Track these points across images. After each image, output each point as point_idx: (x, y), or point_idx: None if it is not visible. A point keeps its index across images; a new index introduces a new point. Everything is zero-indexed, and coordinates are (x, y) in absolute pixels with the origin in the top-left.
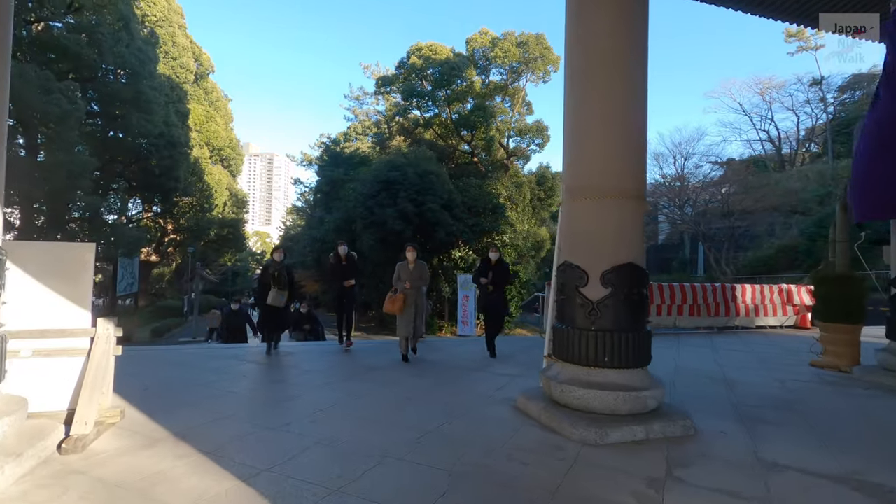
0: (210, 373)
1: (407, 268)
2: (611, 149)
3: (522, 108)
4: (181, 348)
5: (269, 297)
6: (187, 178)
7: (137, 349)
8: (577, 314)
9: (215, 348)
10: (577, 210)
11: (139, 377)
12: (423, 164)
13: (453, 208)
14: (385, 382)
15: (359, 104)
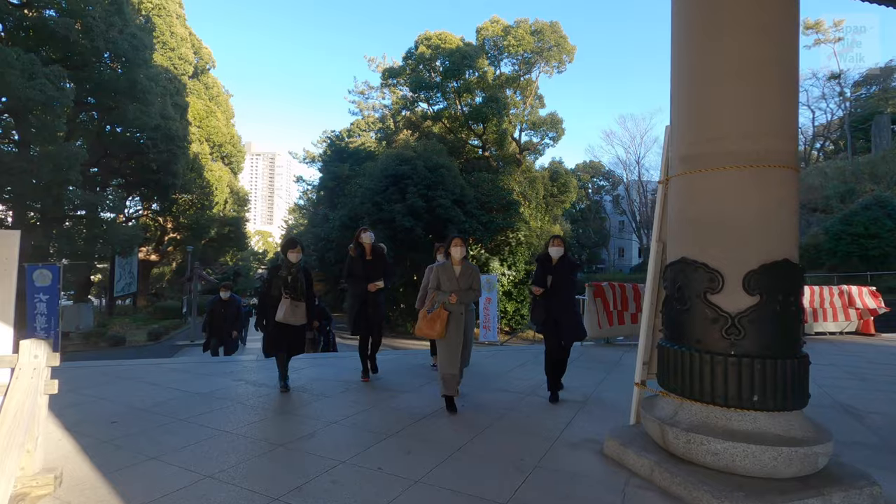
0: (197, 401)
1: (450, 271)
2: (761, 96)
3: (535, 101)
4: (164, 363)
5: (280, 311)
6: (186, 174)
7: (113, 364)
8: (707, 332)
9: (205, 362)
10: (702, 186)
11: (107, 404)
12: (433, 157)
13: (466, 204)
14: (434, 441)
15: (364, 98)
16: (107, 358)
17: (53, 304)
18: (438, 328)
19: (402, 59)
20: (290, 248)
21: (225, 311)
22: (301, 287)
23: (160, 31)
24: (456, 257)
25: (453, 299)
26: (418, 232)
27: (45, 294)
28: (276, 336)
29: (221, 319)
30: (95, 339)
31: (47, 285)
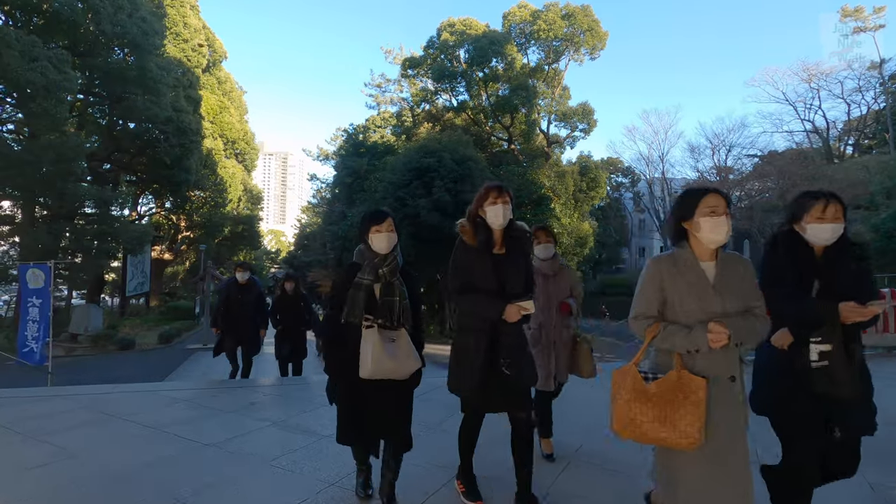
0: (208, 460)
1: (697, 272)
2: None
3: (562, 92)
4: (163, 390)
5: (368, 358)
6: (199, 170)
7: (102, 393)
8: None
9: (214, 390)
10: None
11: (76, 467)
12: (460, 148)
13: None
14: None
15: (381, 91)
16: (114, 362)
17: (45, 309)
18: (692, 424)
19: (422, 48)
20: (375, 222)
21: (242, 297)
22: (403, 303)
23: (173, 20)
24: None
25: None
26: (444, 229)
27: (38, 298)
28: (356, 410)
29: (239, 309)
30: (104, 341)
31: (40, 287)
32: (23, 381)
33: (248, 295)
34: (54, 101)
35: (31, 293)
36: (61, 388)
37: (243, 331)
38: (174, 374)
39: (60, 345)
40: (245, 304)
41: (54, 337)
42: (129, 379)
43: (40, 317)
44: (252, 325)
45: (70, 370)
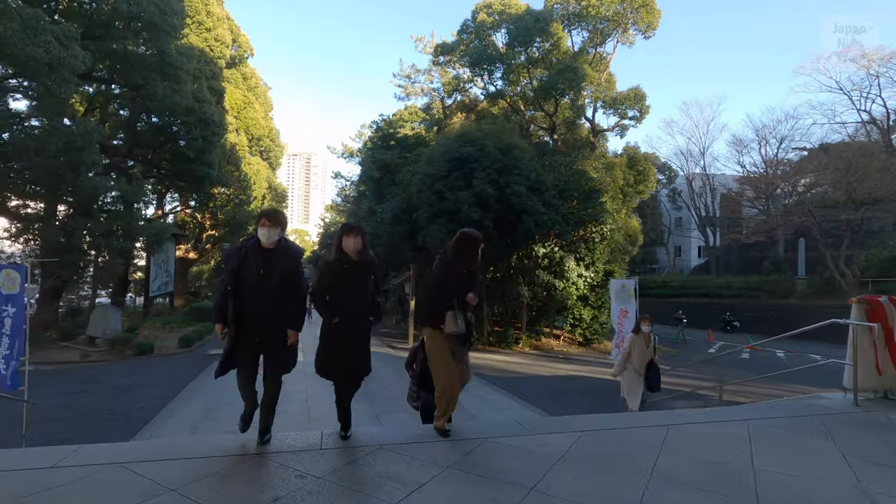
0: None
1: None
2: None
3: (608, 77)
4: (123, 461)
5: None
6: (223, 165)
7: (27, 464)
8: None
9: (215, 455)
10: None
11: None
12: (504, 136)
13: (543, 192)
14: None
15: (410, 82)
16: (129, 370)
17: (19, 320)
18: None
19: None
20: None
21: (265, 271)
22: None
23: (195, 9)
24: None
25: None
26: (487, 224)
27: (11, 305)
28: None
29: (258, 292)
30: (122, 345)
31: (15, 293)
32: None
33: (274, 267)
34: (59, 80)
35: (3, 300)
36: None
37: (265, 330)
38: (188, 389)
39: (77, 348)
40: (269, 282)
41: (71, 340)
42: (142, 389)
43: (12, 330)
44: (279, 321)
45: (81, 379)
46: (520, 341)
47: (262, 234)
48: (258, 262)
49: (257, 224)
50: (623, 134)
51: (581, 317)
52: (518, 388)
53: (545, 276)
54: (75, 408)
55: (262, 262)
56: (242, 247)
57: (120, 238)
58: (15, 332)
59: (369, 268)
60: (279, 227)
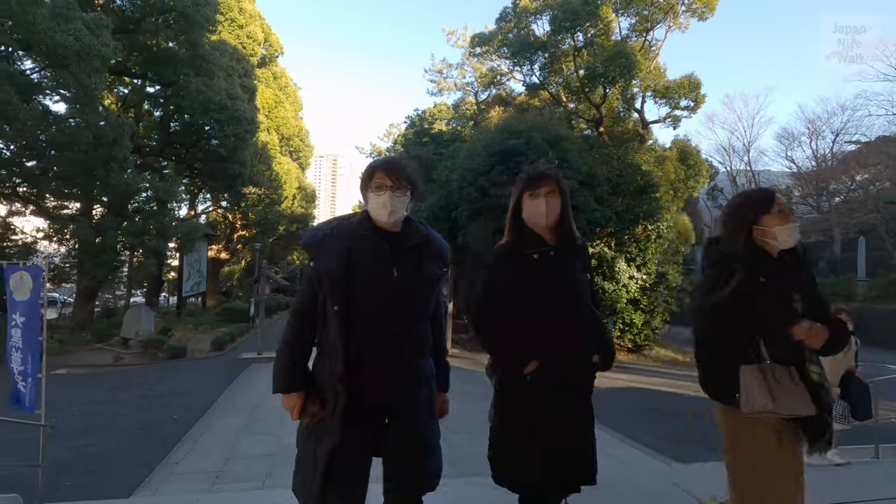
0: None
1: None
2: None
3: (658, 66)
4: None
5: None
6: (255, 164)
7: None
8: None
9: None
10: None
11: None
12: (552, 127)
13: (595, 187)
14: None
15: (442, 77)
16: (161, 374)
17: (32, 329)
18: None
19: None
20: None
21: (402, 275)
22: None
23: (228, 6)
24: None
25: None
26: None
27: (21, 314)
28: None
29: (385, 322)
30: (155, 348)
31: (25, 299)
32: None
33: (411, 269)
34: (88, 70)
35: (15, 306)
36: None
37: (400, 394)
38: (222, 400)
39: (111, 350)
40: (406, 298)
41: (105, 341)
42: (174, 398)
43: (24, 342)
44: (422, 375)
45: (112, 385)
46: None
47: (377, 204)
48: (384, 260)
49: (366, 187)
50: (676, 125)
51: (632, 321)
52: None
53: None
54: (103, 421)
55: (391, 258)
56: (340, 228)
57: (154, 237)
58: (28, 343)
59: (579, 255)
60: (408, 190)
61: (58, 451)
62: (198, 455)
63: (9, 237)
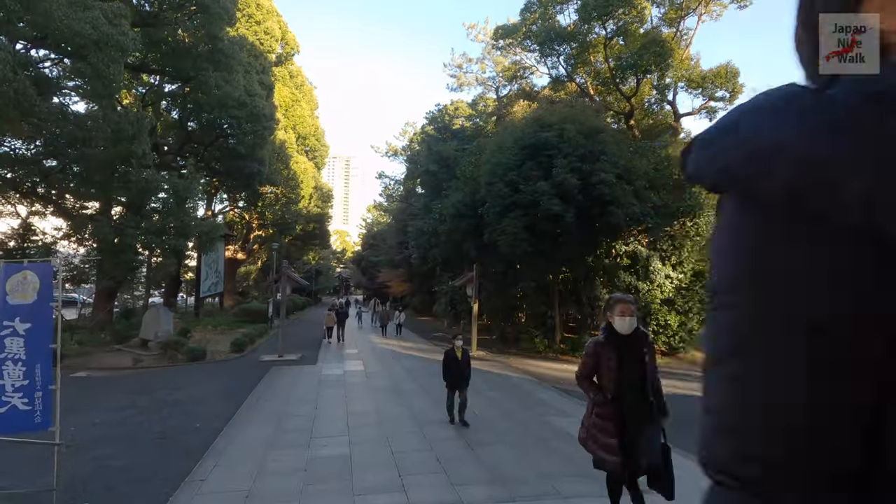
0: None
1: None
2: None
3: (690, 55)
4: None
5: None
6: (272, 162)
7: None
8: None
9: None
10: None
11: None
12: (587, 119)
13: (634, 181)
14: None
15: (461, 72)
16: (181, 377)
17: (42, 336)
18: None
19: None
20: None
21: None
22: None
23: (245, 1)
24: None
25: None
26: (568, 220)
27: (23, 320)
28: None
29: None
30: (174, 350)
31: (28, 302)
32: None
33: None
34: (106, 60)
35: (11, 311)
36: None
37: None
38: (245, 407)
39: (130, 351)
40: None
41: (125, 342)
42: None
43: (28, 353)
44: None
45: (131, 389)
46: None
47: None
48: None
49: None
50: (712, 117)
51: (667, 323)
52: None
53: (627, 277)
54: (123, 430)
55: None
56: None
57: (173, 236)
58: (33, 355)
59: None
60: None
61: (76, 464)
62: (224, 471)
63: (30, 238)
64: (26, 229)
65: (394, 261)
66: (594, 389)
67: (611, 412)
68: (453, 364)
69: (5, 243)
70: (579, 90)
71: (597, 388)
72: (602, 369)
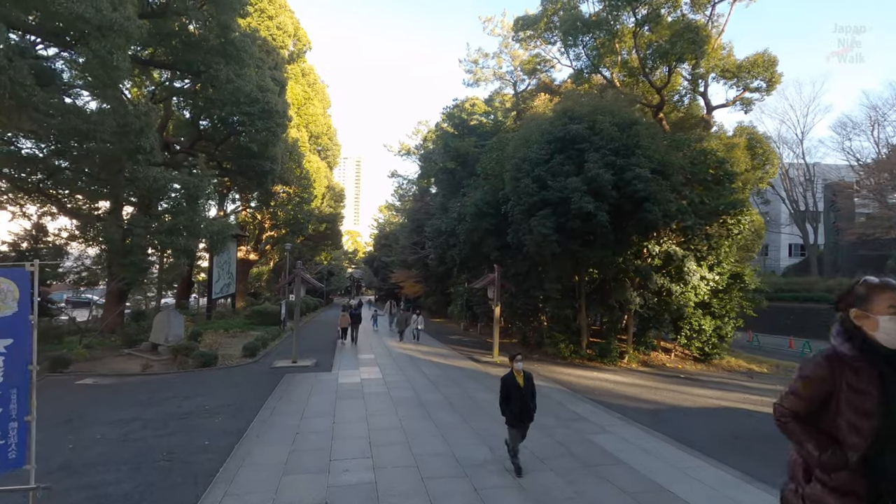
0: None
1: None
2: None
3: (722, 44)
4: None
5: None
6: (285, 161)
7: None
8: None
9: None
10: None
11: None
12: (621, 111)
13: (670, 176)
14: None
15: (477, 67)
16: (191, 385)
17: (20, 355)
18: None
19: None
20: None
21: None
22: None
23: None
24: None
25: None
26: (602, 218)
27: (2, 335)
28: None
29: None
30: (184, 354)
31: (6, 315)
32: None
33: None
34: (109, 47)
35: None
36: None
37: None
38: (258, 422)
39: (139, 356)
40: None
41: (134, 346)
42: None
43: (5, 373)
44: None
45: (137, 400)
46: (625, 356)
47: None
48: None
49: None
50: (748, 108)
51: (701, 327)
52: (671, 428)
53: (660, 278)
54: (126, 448)
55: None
56: None
57: (184, 236)
58: (10, 378)
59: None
60: None
61: (71, 493)
62: (235, 501)
63: (42, 239)
64: (38, 230)
65: (407, 261)
66: (818, 442)
67: (855, 484)
68: (515, 393)
69: (18, 244)
70: (605, 82)
71: (825, 439)
72: (841, 407)
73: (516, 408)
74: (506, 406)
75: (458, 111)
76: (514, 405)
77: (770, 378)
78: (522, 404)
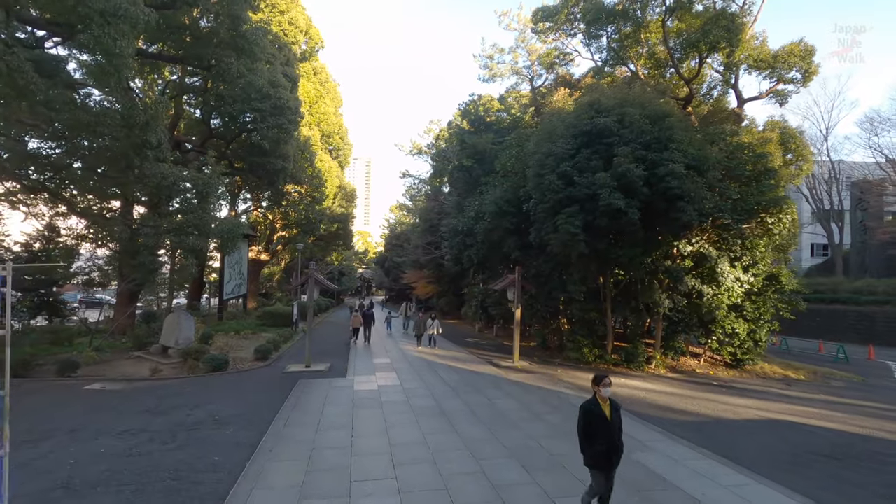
0: None
1: None
2: None
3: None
4: None
5: None
6: (297, 160)
7: None
8: None
9: None
10: None
11: None
12: (651, 102)
13: (705, 172)
14: None
15: (493, 62)
16: (201, 392)
17: None
18: None
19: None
20: None
21: None
22: None
23: None
24: None
25: None
26: (632, 216)
27: None
28: None
29: None
30: (195, 358)
31: None
32: None
33: None
34: (114, 34)
35: None
36: None
37: None
38: (271, 434)
39: (149, 359)
40: None
41: (144, 349)
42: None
43: None
44: None
45: (145, 407)
46: (652, 361)
47: None
48: None
49: None
50: (783, 101)
51: (734, 331)
52: (718, 444)
53: (691, 280)
54: (130, 464)
55: None
56: None
57: (193, 235)
58: None
59: None
60: None
61: None
62: None
63: (54, 239)
64: (51, 230)
65: (419, 262)
66: None
67: None
68: (602, 427)
69: (30, 245)
70: (629, 74)
71: None
72: None
73: (602, 447)
74: (587, 444)
75: (473, 107)
76: (600, 443)
77: (808, 386)
78: (609, 443)
